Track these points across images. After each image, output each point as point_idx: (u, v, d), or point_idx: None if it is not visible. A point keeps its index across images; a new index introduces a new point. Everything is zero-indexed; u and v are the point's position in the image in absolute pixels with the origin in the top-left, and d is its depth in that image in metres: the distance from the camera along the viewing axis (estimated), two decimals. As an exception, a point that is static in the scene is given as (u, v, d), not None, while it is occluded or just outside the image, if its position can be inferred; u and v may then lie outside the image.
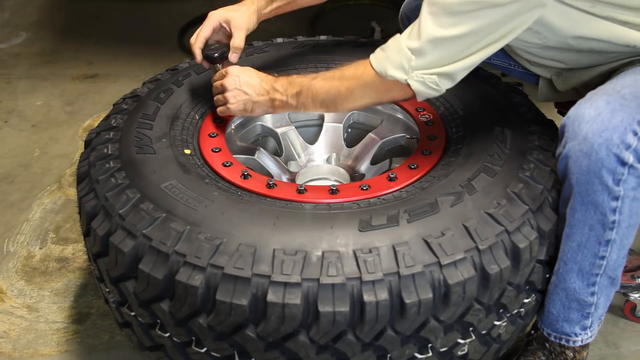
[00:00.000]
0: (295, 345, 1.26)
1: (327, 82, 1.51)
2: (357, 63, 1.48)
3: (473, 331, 1.36)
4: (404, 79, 1.40)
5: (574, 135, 1.31)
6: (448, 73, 1.39)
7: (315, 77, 1.54)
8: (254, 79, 1.60)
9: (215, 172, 1.52)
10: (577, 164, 1.31)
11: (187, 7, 3.65)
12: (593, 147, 1.28)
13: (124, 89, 2.28)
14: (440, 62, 1.37)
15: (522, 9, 1.31)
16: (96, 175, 1.46)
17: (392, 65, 1.40)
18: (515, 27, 1.35)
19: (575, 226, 1.38)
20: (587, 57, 1.52)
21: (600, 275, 1.43)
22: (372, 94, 1.48)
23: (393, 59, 1.40)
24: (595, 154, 1.28)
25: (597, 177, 1.29)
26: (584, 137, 1.29)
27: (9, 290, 2.02)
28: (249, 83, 1.60)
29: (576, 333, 1.53)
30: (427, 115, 1.69)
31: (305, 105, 1.55)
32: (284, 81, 1.58)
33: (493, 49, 1.37)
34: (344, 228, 1.29)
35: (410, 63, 1.38)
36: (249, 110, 1.63)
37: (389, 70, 1.40)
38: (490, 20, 1.32)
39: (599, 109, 1.30)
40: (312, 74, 1.56)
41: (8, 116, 2.91)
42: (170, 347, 1.39)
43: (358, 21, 3.48)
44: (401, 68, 1.39)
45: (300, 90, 1.53)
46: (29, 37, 3.57)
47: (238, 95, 1.60)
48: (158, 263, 1.28)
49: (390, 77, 1.40)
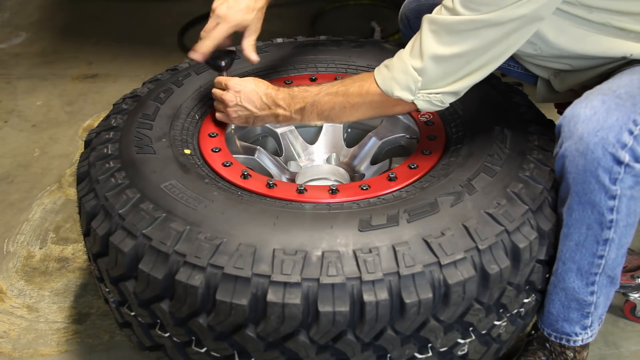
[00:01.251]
0: (295, 345, 1.26)
1: (331, 98, 1.51)
2: (361, 78, 1.49)
3: (473, 331, 1.36)
4: (411, 99, 1.41)
5: (570, 134, 1.31)
6: (453, 92, 1.41)
7: (318, 91, 1.52)
8: (254, 94, 1.57)
9: (215, 172, 1.52)
10: (573, 163, 1.31)
11: (187, 7, 3.65)
12: (589, 146, 1.28)
13: (124, 89, 2.28)
14: (444, 80, 1.39)
15: (521, 25, 1.32)
16: (96, 175, 1.46)
17: (399, 86, 1.41)
18: (515, 42, 1.36)
19: (573, 226, 1.38)
20: (583, 62, 1.53)
21: (599, 274, 1.43)
22: (377, 109, 1.50)
23: (400, 79, 1.40)
24: (591, 153, 1.28)
25: (593, 177, 1.30)
26: (580, 136, 1.29)
27: (9, 290, 2.02)
28: (249, 99, 1.58)
29: (576, 333, 1.53)
30: (427, 115, 1.69)
31: (310, 119, 1.55)
32: (286, 94, 1.56)
33: (495, 65, 1.39)
34: (343, 228, 1.29)
35: (417, 84, 1.39)
36: (251, 123, 1.63)
37: (396, 90, 1.41)
38: (491, 38, 1.33)
39: (594, 108, 1.30)
40: (313, 87, 1.55)
41: (8, 116, 2.91)
42: (170, 347, 1.40)
43: (358, 21, 3.48)
44: (408, 89, 1.40)
45: (304, 106, 1.53)
46: (29, 37, 3.57)
47: (239, 111, 1.59)
48: (158, 263, 1.28)
49: (397, 97, 1.42)
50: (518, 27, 1.32)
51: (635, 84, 1.37)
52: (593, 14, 1.41)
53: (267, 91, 1.57)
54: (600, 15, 1.41)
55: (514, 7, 1.28)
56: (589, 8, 1.40)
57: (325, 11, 3.61)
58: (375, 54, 1.90)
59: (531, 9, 1.29)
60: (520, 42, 1.37)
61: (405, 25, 1.96)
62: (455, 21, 1.32)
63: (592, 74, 1.55)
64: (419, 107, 1.43)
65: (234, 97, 1.58)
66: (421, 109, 1.44)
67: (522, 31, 1.34)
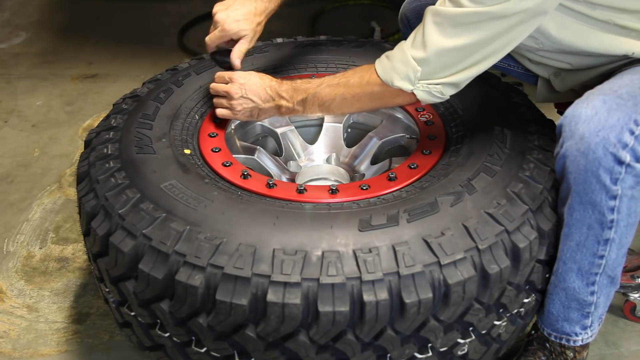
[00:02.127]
0: (295, 345, 1.26)
1: (332, 89, 1.51)
2: (362, 70, 1.49)
3: (473, 331, 1.36)
4: (410, 89, 1.41)
5: (571, 134, 1.31)
6: (453, 83, 1.41)
7: (320, 83, 1.53)
8: (259, 86, 1.58)
9: (215, 172, 1.52)
10: (574, 163, 1.31)
11: (187, 7, 3.65)
12: (590, 146, 1.28)
13: (124, 89, 2.28)
14: (445, 72, 1.39)
15: (524, 18, 1.32)
16: (96, 175, 1.46)
17: (399, 75, 1.41)
18: (518, 35, 1.36)
19: (574, 226, 1.38)
20: (585, 60, 1.53)
21: (599, 274, 1.43)
22: (378, 100, 1.50)
23: (399, 69, 1.41)
24: (592, 153, 1.28)
25: (594, 177, 1.30)
26: (581, 136, 1.29)
27: (8, 290, 2.02)
28: (254, 91, 1.58)
29: (576, 333, 1.53)
30: (427, 115, 1.69)
31: (312, 111, 1.56)
32: (289, 86, 1.57)
33: (497, 58, 1.39)
34: (343, 228, 1.29)
35: (416, 74, 1.39)
36: (255, 117, 1.63)
37: (396, 80, 1.42)
38: (495, 30, 1.33)
39: (595, 108, 1.30)
40: (315, 79, 1.56)
41: (8, 116, 2.91)
42: (170, 347, 1.39)
43: (358, 21, 3.49)
44: (407, 79, 1.41)
45: (306, 97, 1.54)
46: (29, 37, 3.57)
47: (244, 103, 1.59)
48: (158, 263, 1.28)
49: (397, 87, 1.42)
50: (522, 20, 1.32)
51: (637, 84, 1.36)
52: (596, 11, 1.41)
53: (271, 83, 1.58)
54: (603, 12, 1.41)
55: (519, 0, 1.28)
56: (592, 5, 1.40)
57: (325, 11, 3.61)
58: (375, 54, 1.88)
59: (536, 3, 1.29)
60: (523, 36, 1.37)
61: (405, 25, 1.96)
62: (459, 13, 1.32)
63: (593, 74, 1.55)
64: (419, 98, 1.43)
65: (239, 90, 1.58)
66: (421, 99, 1.43)
67: (526, 25, 1.34)
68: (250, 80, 1.59)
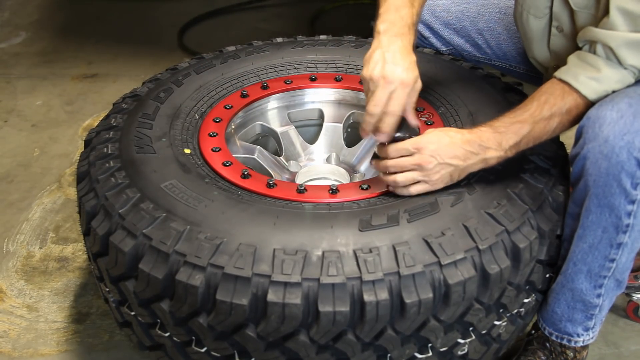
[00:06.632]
0: (296, 345, 1.26)
1: (547, 122, 1.39)
2: (562, 93, 1.39)
3: (473, 331, 1.36)
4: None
5: (595, 136, 1.29)
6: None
7: (524, 120, 1.38)
8: (454, 146, 1.36)
9: (215, 171, 1.51)
10: (595, 165, 1.30)
11: (187, 7, 3.66)
12: (614, 149, 1.27)
13: (124, 88, 2.28)
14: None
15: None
16: (96, 174, 1.46)
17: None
18: None
19: (589, 228, 1.37)
20: None
21: (608, 277, 1.43)
22: (579, 119, 1.41)
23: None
24: (615, 156, 1.27)
25: (615, 180, 1.29)
26: (605, 139, 1.28)
27: (8, 290, 2.02)
28: (451, 153, 1.36)
29: (579, 334, 1.53)
30: (427, 115, 1.69)
31: (519, 150, 1.41)
32: (490, 134, 1.38)
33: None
34: (344, 228, 1.29)
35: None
36: (456, 179, 1.40)
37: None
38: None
39: (621, 111, 1.28)
40: (507, 115, 1.40)
41: (8, 116, 2.91)
42: (170, 347, 1.39)
43: (358, 21, 3.49)
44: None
45: (520, 140, 1.38)
46: (29, 36, 3.57)
47: (442, 169, 1.37)
48: (158, 262, 1.28)
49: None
50: None
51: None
52: None
53: (465, 137, 1.38)
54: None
55: None
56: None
57: (325, 11, 3.61)
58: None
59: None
60: None
61: (426, 35, 1.94)
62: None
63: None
64: None
65: (432, 158, 1.36)
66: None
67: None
68: (441, 142, 1.37)
